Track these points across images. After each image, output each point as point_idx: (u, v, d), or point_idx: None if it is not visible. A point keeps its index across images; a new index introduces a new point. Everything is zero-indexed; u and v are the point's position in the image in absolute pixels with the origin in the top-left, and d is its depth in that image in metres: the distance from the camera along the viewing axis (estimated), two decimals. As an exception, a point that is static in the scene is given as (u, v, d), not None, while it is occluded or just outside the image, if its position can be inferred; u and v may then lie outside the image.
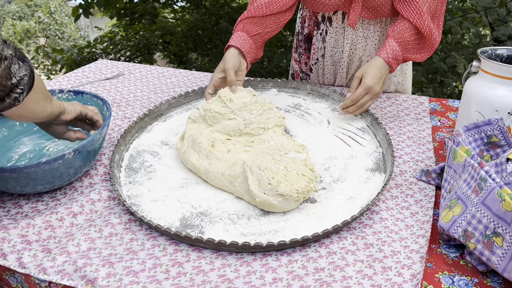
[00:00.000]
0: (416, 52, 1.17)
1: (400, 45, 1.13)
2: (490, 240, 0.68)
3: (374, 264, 0.73)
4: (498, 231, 0.67)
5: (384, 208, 0.86)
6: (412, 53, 1.17)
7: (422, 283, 0.69)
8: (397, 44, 1.13)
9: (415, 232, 0.80)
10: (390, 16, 1.23)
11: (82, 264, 0.71)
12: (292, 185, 0.82)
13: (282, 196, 0.81)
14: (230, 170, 0.90)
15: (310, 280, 0.70)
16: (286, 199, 0.82)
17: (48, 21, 14.88)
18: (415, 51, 1.17)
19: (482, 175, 0.71)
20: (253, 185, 0.85)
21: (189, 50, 5.26)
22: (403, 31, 1.14)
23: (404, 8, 1.14)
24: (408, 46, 1.15)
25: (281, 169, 0.85)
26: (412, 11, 1.13)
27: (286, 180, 0.83)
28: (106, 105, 1.01)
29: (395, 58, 1.13)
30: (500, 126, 0.88)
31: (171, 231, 0.76)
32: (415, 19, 1.12)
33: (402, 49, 1.14)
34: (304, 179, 0.85)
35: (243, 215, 0.85)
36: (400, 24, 1.15)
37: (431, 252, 0.76)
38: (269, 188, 0.82)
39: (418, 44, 1.16)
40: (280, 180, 0.83)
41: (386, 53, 1.13)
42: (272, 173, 0.84)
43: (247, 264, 0.74)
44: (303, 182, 0.84)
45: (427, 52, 1.18)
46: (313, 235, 0.75)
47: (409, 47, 1.15)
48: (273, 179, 0.83)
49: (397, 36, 1.14)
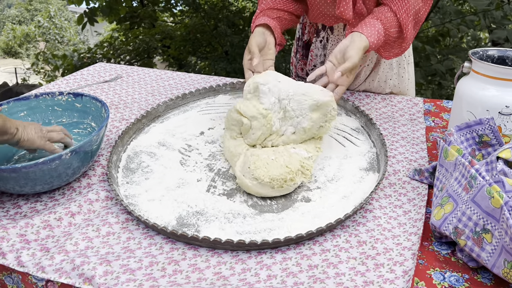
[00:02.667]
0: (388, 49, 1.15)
1: (385, 35, 1.08)
2: (479, 236, 0.70)
3: (367, 261, 0.74)
4: (488, 227, 0.69)
5: (378, 207, 0.88)
6: (386, 50, 1.15)
7: (413, 279, 0.70)
8: (383, 34, 1.07)
9: (407, 229, 0.81)
10: None
11: (79, 263, 0.72)
12: (268, 171, 0.88)
13: (256, 180, 0.88)
14: (234, 149, 1.00)
15: (304, 277, 0.71)
16: (260, 183, 0.88)
17: (48, 25, 14.93)
18: (389, 47, 1.15)
19: (472, 173, 0.73)
20: (238, 166, 0.93)
21: (188, 53, 5.29)
22: (391, 22, 1.08)
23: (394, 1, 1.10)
24: (389, 41, 1.12)
25: (270, 158, 0.90)
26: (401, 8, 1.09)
27: (266, 167, 0.89)
28: (104, 107, 1.02)
29: (377, 45, 1.08)
30: (491, 125, 0.89)
31: (168, 229, 0.78)
32: (402, 17, 1.08)
33: (384, 41, 1.10)
34: (284, 170, 0.89)
35: (238, 214, 0.86)
36: (387, 14, 1.08)
37: (423, 249, 0.77)
38: (247, 171, 0.90)
39: (396, 43, 1.15)
40: (259, 166, 0.89)
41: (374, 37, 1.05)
42: (257, 159, 0.91)
43: (242, 262, 0.75)
44: (281, 171, 0.89)
45: (397, 54, 1.17)
46: (307, 232, 0.77)
47: (389, 43, 1.13)
48: (254, 164, 0.90)
49: (386, 25, 1.08)
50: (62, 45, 14.49)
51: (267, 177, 0.87)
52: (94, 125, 1.07)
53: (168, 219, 0.85)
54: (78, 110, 1.09)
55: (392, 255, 0.75)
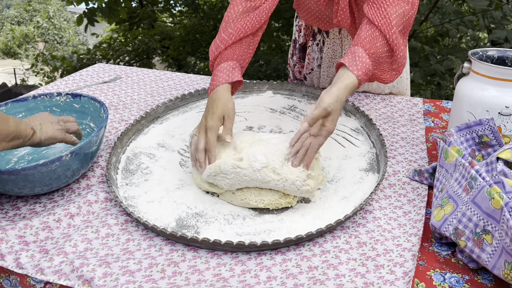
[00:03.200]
0: (387, 70, 0.97)
1: (371, 58, 0.91)
2: (480, 237, 0.69)
3: (367, 262, 0.74)
4: (488, 228, 0.69)
5: (378, 208, 0.87)
6: (384, 71, 0.96)
7: (414, 280, 0.70)
8: (368, 57, 0.91)
9: (407, 230, 0.81)
10: None
11: (79, 264, 0.72)
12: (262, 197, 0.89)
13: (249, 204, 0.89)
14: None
15: (304, 278, 0.71)
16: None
17: (47, 25, 14.92)
18: (387, 67, 0.96)
19: (473, 174, 0.73)
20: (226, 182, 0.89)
21: (188, 54, 5.29)
22: (374, 40, 0.92)
23: (371, 10, 0.94)
24: (380, 60, 0.93)
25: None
26: (379, 16, 0.92)
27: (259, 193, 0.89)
28: (103, 107, 1.02)
29: (367, 73, 0.91)
30: (491, 126, 0.89)
31: (167, 231, 0.78)
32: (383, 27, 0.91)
33: (374, 64, 0.92)
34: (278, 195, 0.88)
35: (238, 215, 0.86)
36: (368, 31, 0.93)
37: (423, 250, 0.77)
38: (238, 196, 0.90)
39: (389, 58, 0.95)
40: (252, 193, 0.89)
41: (357, 67, 0.89)
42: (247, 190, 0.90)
43: (242, 263, 0.75)
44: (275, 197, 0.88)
45: (396, 71, 0.98)
46: (307, 234, 0.77)
47: (382, 61, 0.94)
48: (243, 194, 0.90)
49: (368, 46, 0.91)
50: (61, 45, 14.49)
51: (261, 202, 0.88)
52: (93, 126, 1.07)
53: (168, 221, 0.85)
54: (77, 111, 1.09)
55: (392, 256, 0.75)
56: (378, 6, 0.93)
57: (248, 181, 0.86)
